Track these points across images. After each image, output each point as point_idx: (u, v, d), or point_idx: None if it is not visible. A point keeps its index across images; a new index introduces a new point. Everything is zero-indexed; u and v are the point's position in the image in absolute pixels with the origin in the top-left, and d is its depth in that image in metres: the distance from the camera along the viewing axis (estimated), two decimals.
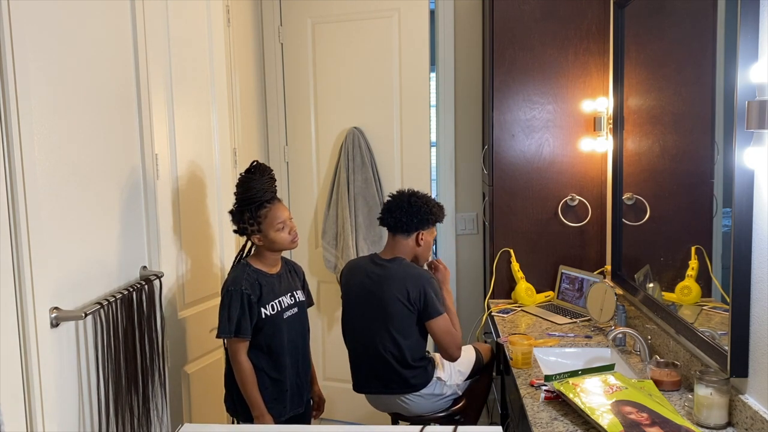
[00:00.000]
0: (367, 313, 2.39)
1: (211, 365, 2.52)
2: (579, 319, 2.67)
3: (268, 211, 2.15)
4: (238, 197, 2.17)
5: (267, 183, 2.16)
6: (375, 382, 2.44)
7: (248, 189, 2.14)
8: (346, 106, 3.38)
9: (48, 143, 1.62)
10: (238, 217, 2.17)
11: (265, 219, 2.14)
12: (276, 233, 2.16)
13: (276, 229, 2.15)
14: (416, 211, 2.38)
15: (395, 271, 2.37)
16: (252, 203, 2.13)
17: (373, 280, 2.39)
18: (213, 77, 2.55)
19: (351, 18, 3.33)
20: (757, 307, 1.54)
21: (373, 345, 2.38)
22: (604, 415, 1.63)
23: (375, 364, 2.40)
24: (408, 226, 2.39)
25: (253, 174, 2.17)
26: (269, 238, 2.16)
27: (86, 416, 1.76)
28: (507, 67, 2.92)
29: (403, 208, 2.39)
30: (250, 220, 2.14)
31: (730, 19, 1.59)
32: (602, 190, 2.92)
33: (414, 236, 2.41)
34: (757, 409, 1.52)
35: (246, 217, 2.14)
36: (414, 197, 2.41)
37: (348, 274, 2.52)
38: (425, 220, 2.40)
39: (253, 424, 2.11)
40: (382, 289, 2.35)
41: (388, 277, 2.36)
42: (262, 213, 2.14)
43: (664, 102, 2.25)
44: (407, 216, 2.38)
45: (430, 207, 2.40)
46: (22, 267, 1.51)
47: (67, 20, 1.71)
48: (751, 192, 1.52)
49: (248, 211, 2.14)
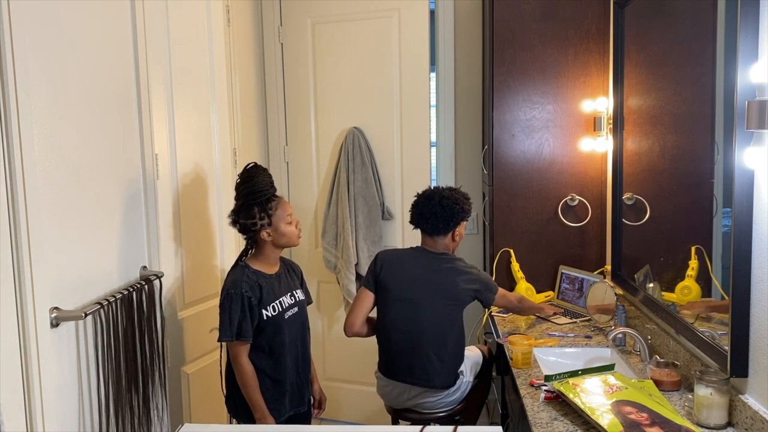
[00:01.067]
0: (421, 301, 2.40)
1: (211, 365, 2.52)
2: (579, 319, 2.67)
3: (278, 204, 2.16)
4: (243, 192, 2.14)
5: (269, 179, 2.17)
6: (412, 374, 2.42)
7: (254, 183, 2.12)
8: (346, 106, 3.38)
9: (48, 143, 1.62)
10: (246, 212, 2.13)
11: (276, 211, 2.14)
12: (286, 226, 2.17)
13: (286, 222, 2.16)
14: (450, 215, 2.43)
15: (457, 264, 2.46)
16: (261, 196, 2.12)
17: (434, 269, 2.43)
18: (213, 77, 2.55)
19: (351, 18, 3.33)
20: (757, 307, 1.54)
21: (418, 334, 2.38)
22: (604, 415, 1.63)
23: (420, 356, 2.39)
24: (446, 229, 2.45)
25: (254, 170, 2.16)
26: (279, 231, 2.15)
27: (86, 416, 1.76)
28: (507, 67, 2.92)
29: (438, 213, 2.42)
30: (261, 213, 2.12)
31: (730, 19, 1.59)
32: (602, 190, 2.92)
33: (450, 234, 2.47)
34: (757, 409, 1.52)
35: (255, 211, 2.12)
36: (444, 199, 2.44)
37: (397, 263, 2.50)
38: (459, 219, 2.46)
39: (253, 425, 2.11)
40: (446, 278, 2.41)
41: (451, 268, 2.43)
42: (272, 205, 2.14)
43: (664, 102, 2.25)
44: (443, 221, 2.42)
45: (461, 205, 2.45)
46: (22, 267, 1.51)
47: (67, 20, 1.71)
48: (751, 192, 1.52)
49: (257, 205, 2.12)
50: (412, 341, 2.39)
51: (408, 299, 2.42)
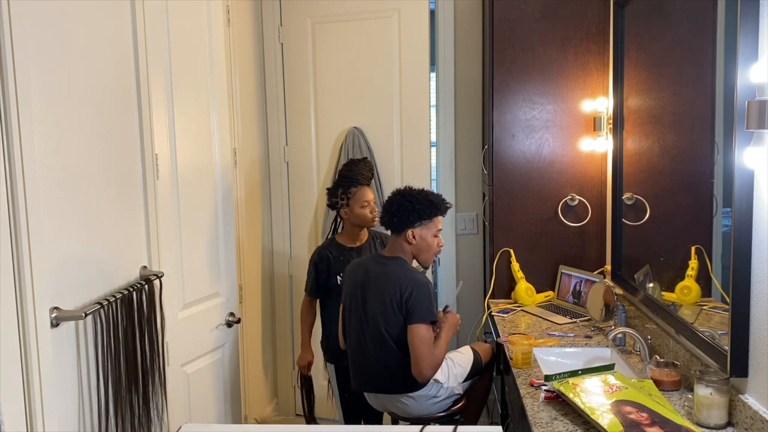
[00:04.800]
0: (364, 311, 2.38)
1: (211, 365, 2.52)
2: (579, 319, 2.67)
3: (358, 190, 2.69)
4: (339, 175, 2.80)
5: (365, 170, 2.76)
6: (369, 381, 2.42)
7: (350, 170, 2.75)
8: (346, 106, 3.38)
9: (48, 143, 1.62)
10: (333, 191, 2.74)
11: (353, 196, 2.68)
12: (360, 209, 2.69)
13: (361, 206, 2.69)
14: (396, 210, 2.31)
15: (391, 269, 2.33)
16: (348, 181, 2.70)
17: (371, 278, 2.38)
18: (213, 77, 2.55)
19: (351, 18, 3.33)
20: (757, 307, 1.54)
21: (367, 344, 2.37)
22: (604, 414, 1.63)
23: (369, 363, 2.38)
24: (392, 225, 2.34)
25: (355, 161, 2.85)
26: (354, 212, 2.69)
27: (86, 416, 1.76)
28: (507, 67, 2.92)
29: (389, 208, 2.34)
30: (342, 195, 2.69)
31: (730, 19, 1.59)
32: (602, 190, 2.92)
33: (403, 235, 2.33)
34: (757, 409, 1.52)
35: (339, 192, 2.70)
36: (399, 196, 2.34)
37: (350, 272, 2.50)
38: (408, 218, 2.30)
39: (254, 425, 2.11)
40: (378, 287, 2.34)
41: (384, 275, 2.34)
42: (352, 191, 2.69)
43: (664, 102, 2.25)
44: (390, 215, 2.34)
45: (413, 204, 2.30)
46: (22, 267, 1.51)
47: (67, 20, 1.71)
48: (751, 192, 1.52)
49: (342, 187, 2.70)
50: (364, 352, 2.38)
51: (352, 312, 2.42)
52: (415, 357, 2.23)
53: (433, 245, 2.36)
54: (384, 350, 2.33)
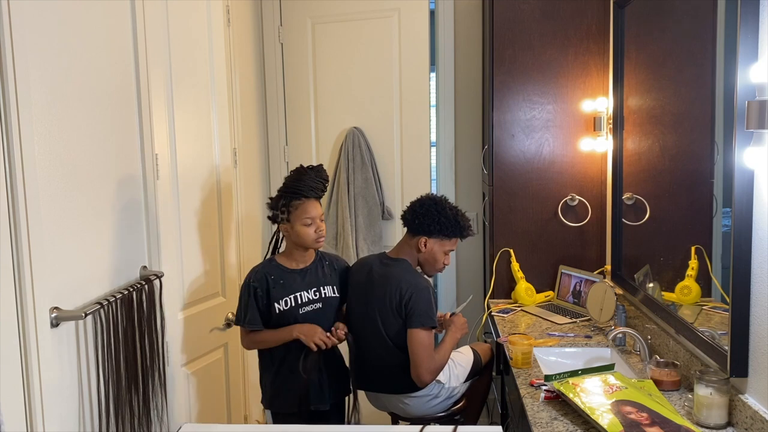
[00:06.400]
0: (365, 311, 2.38)
1: (211, 365, 2.52)
2: (579, 319, 2.67)
3: (301, 203, 2.21)
4: (284, 184, 2.26)
5: (316, 182, 2.24)
6: (369, 381, 2.42)
7: (297, 180, 2.22)
8: (346, 106, 3.38)
9: (48, 143, 1.62)
10: (274, 202, 2.26)
11: (295, 210, 2.21)
12: (302, 227, 2.21)
13: (303, 224, 2.21)
14: (423, 214, 2.30)
15: (393, 271, 2.33)
16: (291, 193, 2.22)
17: (374, 278, 2.37)
18: (213, 77, 2.55)
19: (351, 18, 3.33)
20: (757, 307, 1.54)
21: (369, 344, 2.37)
22: (604, 414, 1.63)
23: (371, 363, 2.38)
24: (412, 225, 2.35)
25: (303, 169, 2.25)
26: (295, 229, 2.22)
27: (86, 416, 1.76)
28: (507, 67, 2.92)
29: (417, 208, 2.34)
30: (282, 207, 2.22)
31: (730, 19, 1.59)
32: (602, 190, 2.92)
33: (416, 239, 2.34)
34: (757, 409, 1.52)
35: (280, 204, 2.23)
36: (431, 201, 2.34)
37: (354, 271, 2.49)
38: (428, 226, 2.30)
39: (254, 425, 2.11)
40: (379, 288, 2.33)
41: (386, 276, 2.33)
42: (294, 204, 2.21)
43: (664, 102, 2.25)
44: (413, 215, 2.33)
45: (440, 216, 2.29)
46: (22, 267, 1.51)
47: (67, 20, 1.71)
48: (751, 192, 1.52)
49: (284, 199, 2.23)
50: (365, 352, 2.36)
51: (356, 312, 2.40)
52: (414, 362, 2.24)
53: (440, 261, 2.36)
54: (385, 351, 2.33)
